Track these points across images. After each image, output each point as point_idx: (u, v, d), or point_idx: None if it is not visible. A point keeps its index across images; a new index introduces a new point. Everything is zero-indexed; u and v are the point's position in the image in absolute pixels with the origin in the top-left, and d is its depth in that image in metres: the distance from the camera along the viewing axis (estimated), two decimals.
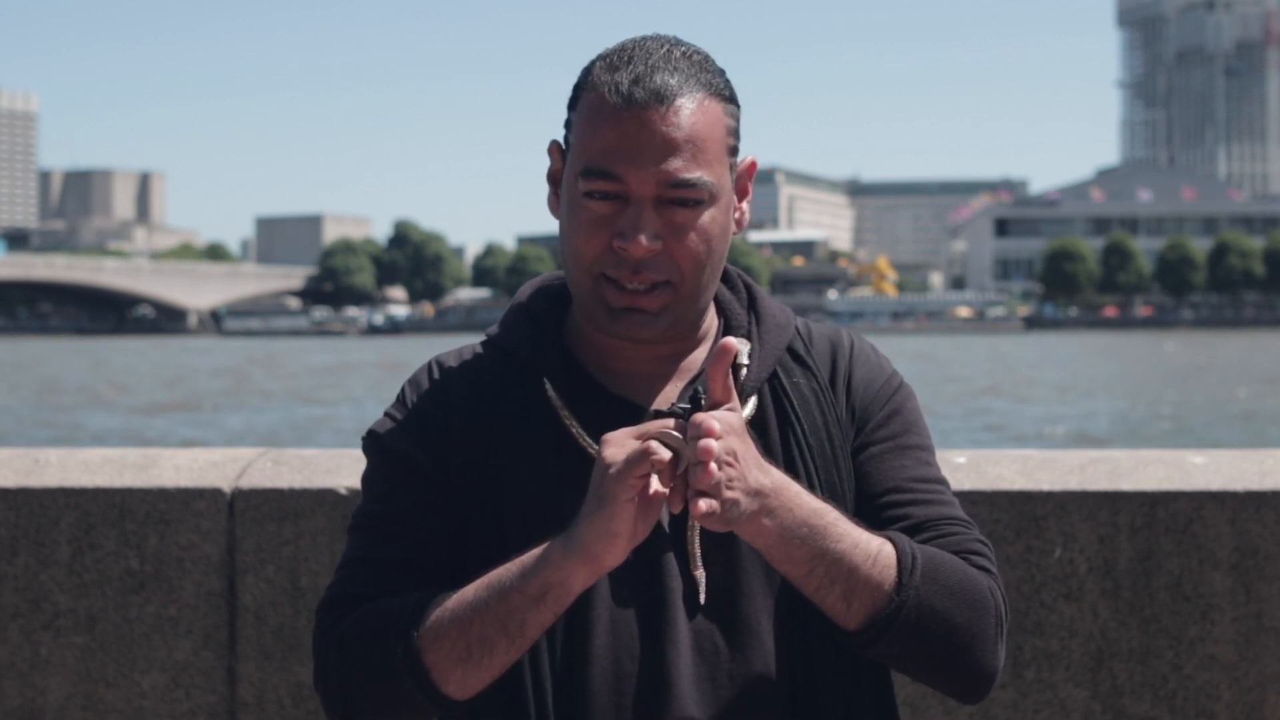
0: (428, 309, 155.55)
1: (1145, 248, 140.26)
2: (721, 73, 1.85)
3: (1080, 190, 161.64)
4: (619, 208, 1.79)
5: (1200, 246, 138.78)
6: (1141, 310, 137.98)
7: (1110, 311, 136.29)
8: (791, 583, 1.75)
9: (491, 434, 1.86)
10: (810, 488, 1.80)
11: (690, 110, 1.78)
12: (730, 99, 1.85)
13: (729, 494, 1.63)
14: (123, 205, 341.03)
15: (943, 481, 1.92)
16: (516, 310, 1.94)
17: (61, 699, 3.09)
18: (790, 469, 1.82)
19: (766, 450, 1.81)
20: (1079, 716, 2.87)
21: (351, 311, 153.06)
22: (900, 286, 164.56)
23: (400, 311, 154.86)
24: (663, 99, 1.76)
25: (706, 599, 1.79)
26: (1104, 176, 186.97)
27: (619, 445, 1.65)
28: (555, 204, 1.88)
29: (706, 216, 1.80)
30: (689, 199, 1.78)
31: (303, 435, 27.77)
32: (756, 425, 1.85)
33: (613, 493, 1.64)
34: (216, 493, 3.06)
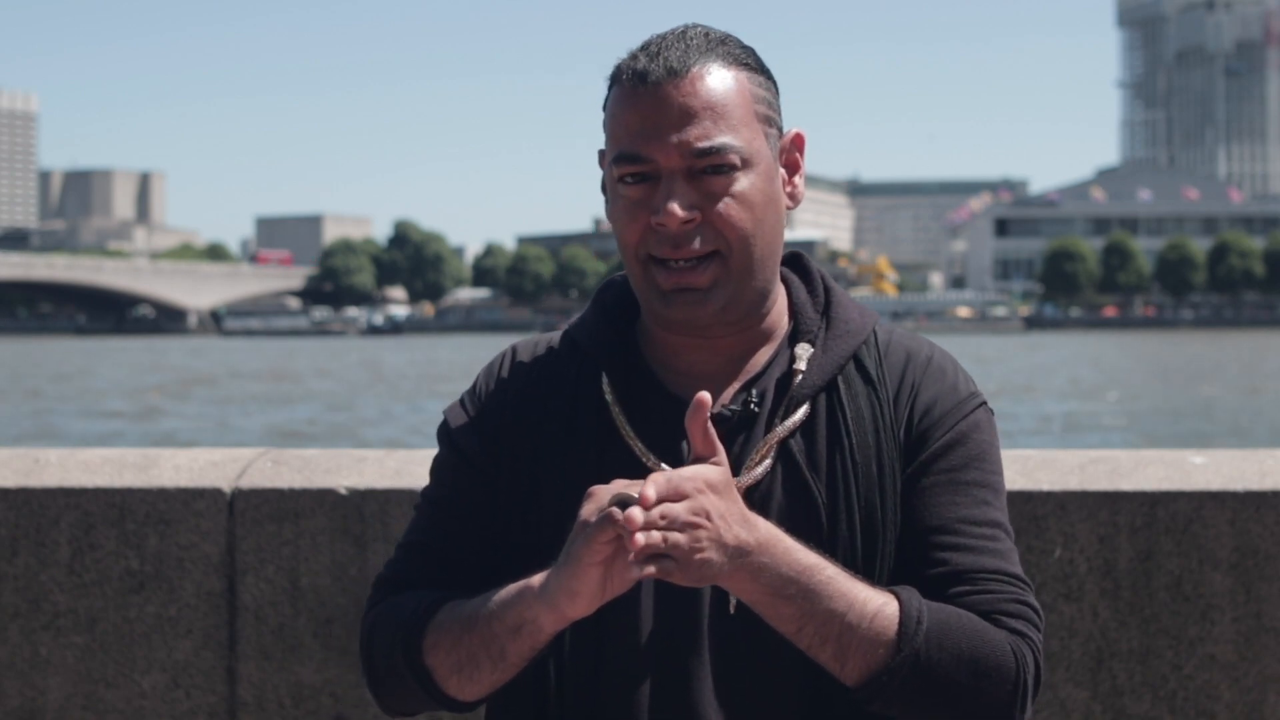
0: (428, 309, 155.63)
1: (1145, 248, 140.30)
2: (746, 48, 1.83)
3: (1080, 190, 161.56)
4: (653, 188, 1.77)
5: (1200, 246, 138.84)
6: (1142, 310, 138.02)
7: (1110, 311, 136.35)
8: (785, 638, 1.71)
9: (543, 425, 1.86)
10: (849, 509, 1.77)
11: (707, 79, 1.76)
12: (757, 69, 1.82)
13: (699, 555, 1.59)
14: (123, 205, 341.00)
15: (998, 525, 1.82)
16: (591, 303, 1.94)
17: (61, 699, 3.09)
18: (832, 486, 1.79)
19: (811, 463, 1.79)
20: (1079, 716, 2.87)
21: (351, 311, 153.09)
22: (900, 286, 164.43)
23: (400, 311, 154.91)
24: (676, 72, 1.75)
25: (737, 607, 1.76)
26: (1104, 176, 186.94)
27: (597, 502, 1.62)
28: (610, 211, 1.86)
29: (744, 182, 1.77)
30: (719, 165, 1.75)
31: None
32: (805, 434, 1.82)
33: (578, 554, 1.61)
34: (216, 493, 3.06)
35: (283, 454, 3.15)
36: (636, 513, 1.54)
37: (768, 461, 1.80)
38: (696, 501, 1.59)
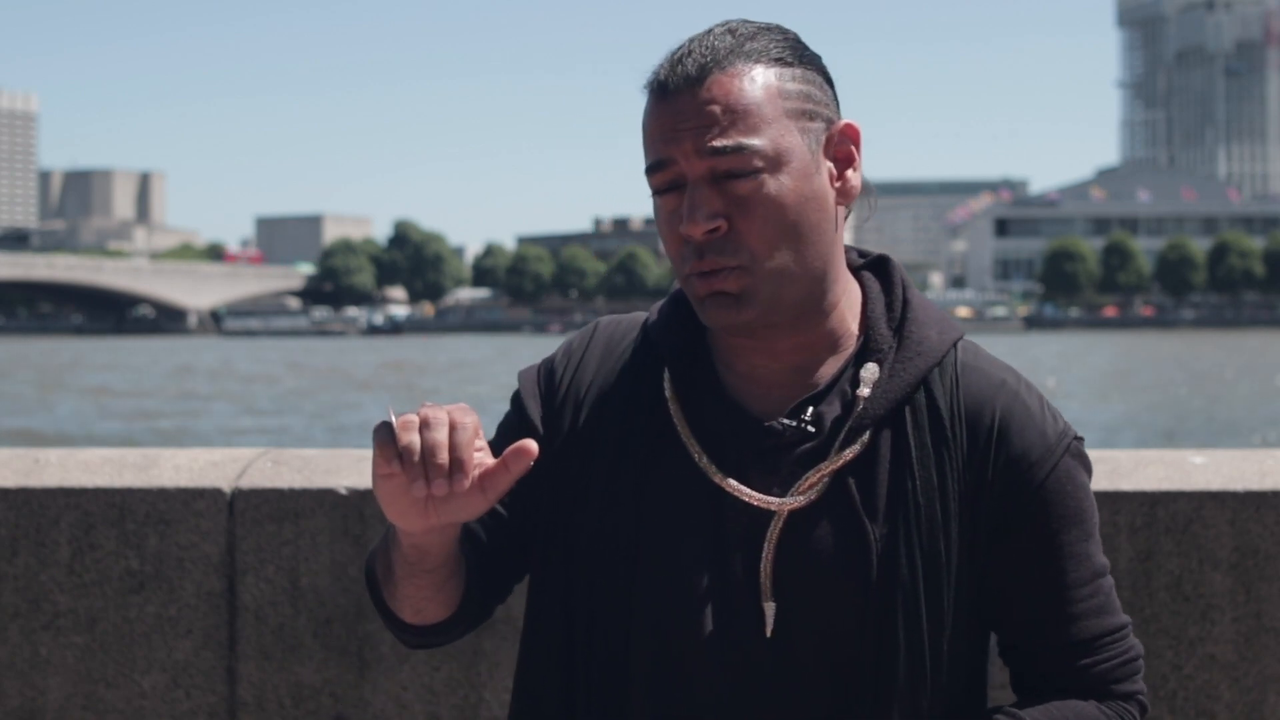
0: (428, 309, 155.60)
1: (1145, 248, 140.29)
2: (783, 40, 1.76)
3: (1080, 190, 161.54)
4: (682, 196, 1.74)
5: (1200, 246, 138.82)
6: (1142, 310, 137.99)
7: (1110, 311, 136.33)
8: None
9: (600, 411, 1.83)
10: (909, 552, 1.72)
11: (727, 81, 1.71)
12: (792, 63, 1.74)
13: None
14: (123, 205, 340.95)
15: (1099, 571, 1.78)
16: (668, 297, 1.91)
17: (61, 699, 3.08)
18: (891, 525, 1.72)
19: (866, 499, 1.73)
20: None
21: (351, 311, 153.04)
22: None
23: (400, 311, 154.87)
24: (693, 80, 1.71)
25: (773, 631, 1.72)
26: (1104, 176, 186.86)
27: (400, 423, 1.60)
28: None
29: (772, 185, 1.70)
30: (740, 167, 1.70)
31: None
32: (863, 466, 1.74)
33: (374, 463, 1.60)
34: (216, 493, 3.06)
35: (283, 454, 3.15)
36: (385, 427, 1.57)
37: (819, 489, 1.73)
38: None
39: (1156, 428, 28.46)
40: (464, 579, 1.81)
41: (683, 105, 1.71)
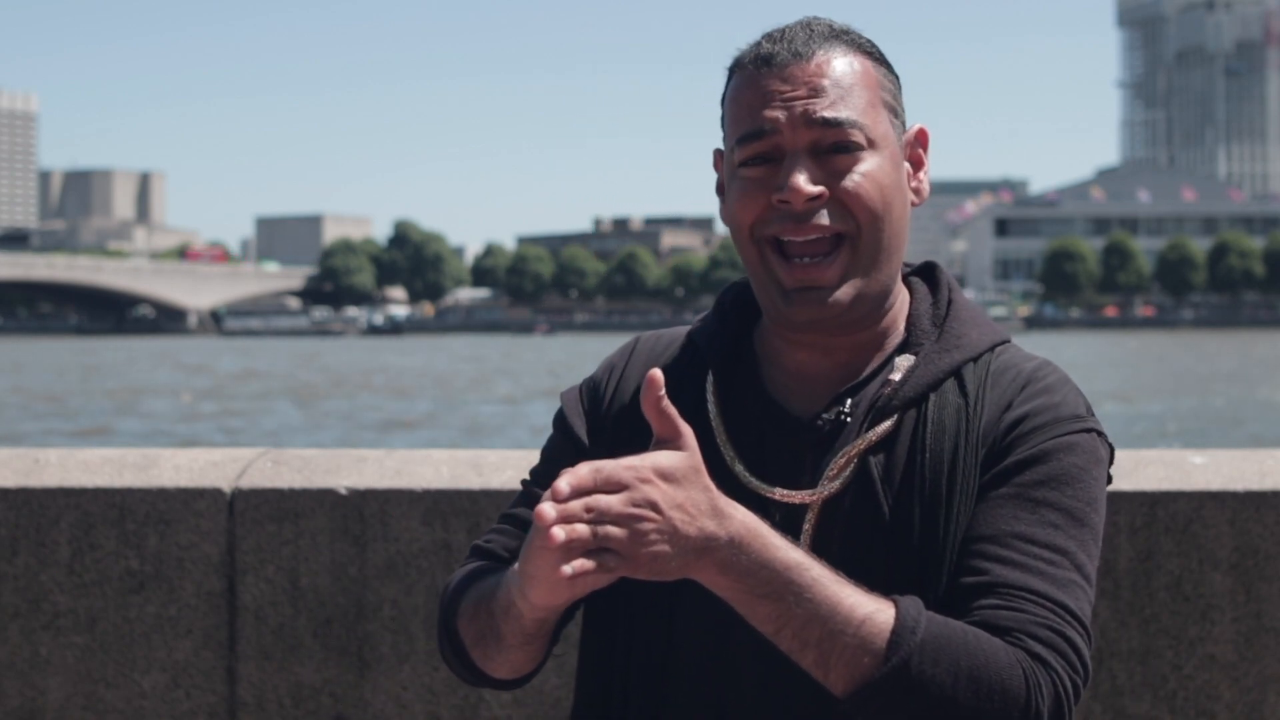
0: (428, 309, 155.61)
1: (1145, 248, 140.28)
2: (869, 40, 1.81)
3: (1080, 190, 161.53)
4: (775, 169, 1.72)
5: (1200, 246, 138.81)
6: (1142, 310, 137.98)
7: (1110, 311, 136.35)
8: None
9: (642, 420, 1.75)
10: (909, 527, 1.69)
11: (832, 61, 1.73)
12: (880, 60, 1.79)
13: (648, 549, 1.49)
14: (123, 205, 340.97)
15: (1062, 551, 1.65)
16: (714, 305, 1.91)
17: (61, 699, 3.08)
18: (900, 503, 1.71)
19: (886, 479, 1.72)
20: (1079, 716, 2.86)
21: (351, 311, 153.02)
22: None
23: (400, 311, 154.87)
24: (801, 55, 1.73)
25: None
26: (1104, 176, 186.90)
27: (560, 488, 1.50)
28: (725, 213, 1.81)
29: (872, 162, 1.72)
30: (845, 141, 1.71)
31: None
32: (887, 449, 1.74)
33: (531, 537, 1.51)
34: (216, 493, 3.05)
35: (283, 454, 3.15)
36: (546, 508, 1.46)
37: (846, 475, 1.73)
38: (638, 492, 1.49)
39: (1156, 428, 28.45)
40: None
41: (791, 75, 1.72)
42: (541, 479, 1.86)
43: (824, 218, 1.71)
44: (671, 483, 1.51)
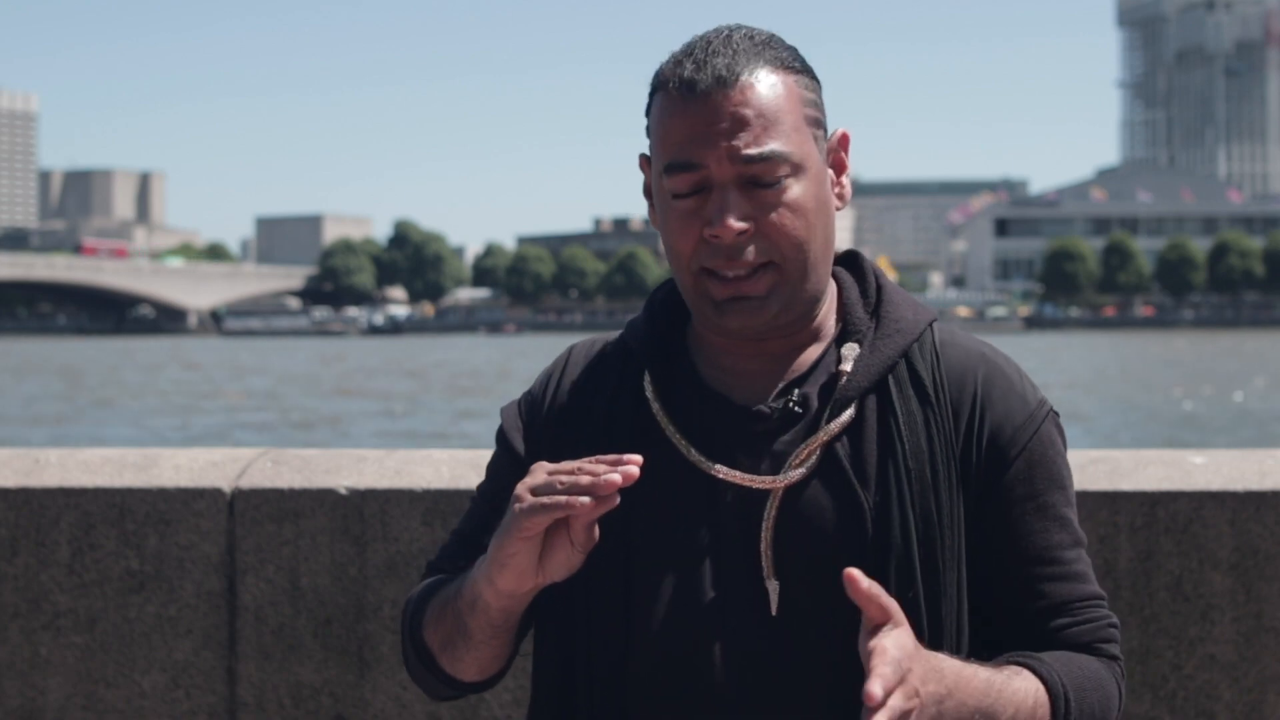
0: (428, 309, 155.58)
1: (1145, 248, 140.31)
2: (790, 49, 1.80)
3: (1080, 190, 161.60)
4: (705, 199, 1.75)
5: (1200, 246, 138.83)
6: (1142, 310, 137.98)
7: (1110, 311, 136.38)
8: None
9: (583, 422, 1.85)
10: (903, 517, 1.75)
11: (756, 86, 1.73)
12: (803, 71, 1.79)
13: None
14: (123, 205, 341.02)
15: (1080, 541, 1.83)
16: (644, 306, 1.93)
17: (61, 699, 3.08)
18: (883, 491, 1.76)
19: (857, 467, 1.77)
20: None
21: (351, 311, 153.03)
22: (900, 286, 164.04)
23: (400, 311, 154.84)
24: (725, 81, 1.72)
25: (779, 609, 1.74)
26: (1104, 176, 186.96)
27: (536, 476, 1.66)
28: (654, 217, 1.85)
29: (796, 190, 1.75)
30: (771, 173, 1.73)
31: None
32: (852, 438, 1.78)
33: (507, 526, 1.65)
34: (216, 493, 3.05)
35: (283, 454, 3.15)
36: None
37: (811, 463, 1.76)
38: (908, 685, 1.56)
39: (1156, 428, 28.44)
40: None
41: (714, 107, 1.72)
42: (489, 496, 1.91)
43: (751, 252, 1.74)
44: (915, 660, 1.58)
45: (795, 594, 1.74)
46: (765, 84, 1.74)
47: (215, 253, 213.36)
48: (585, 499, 1.61)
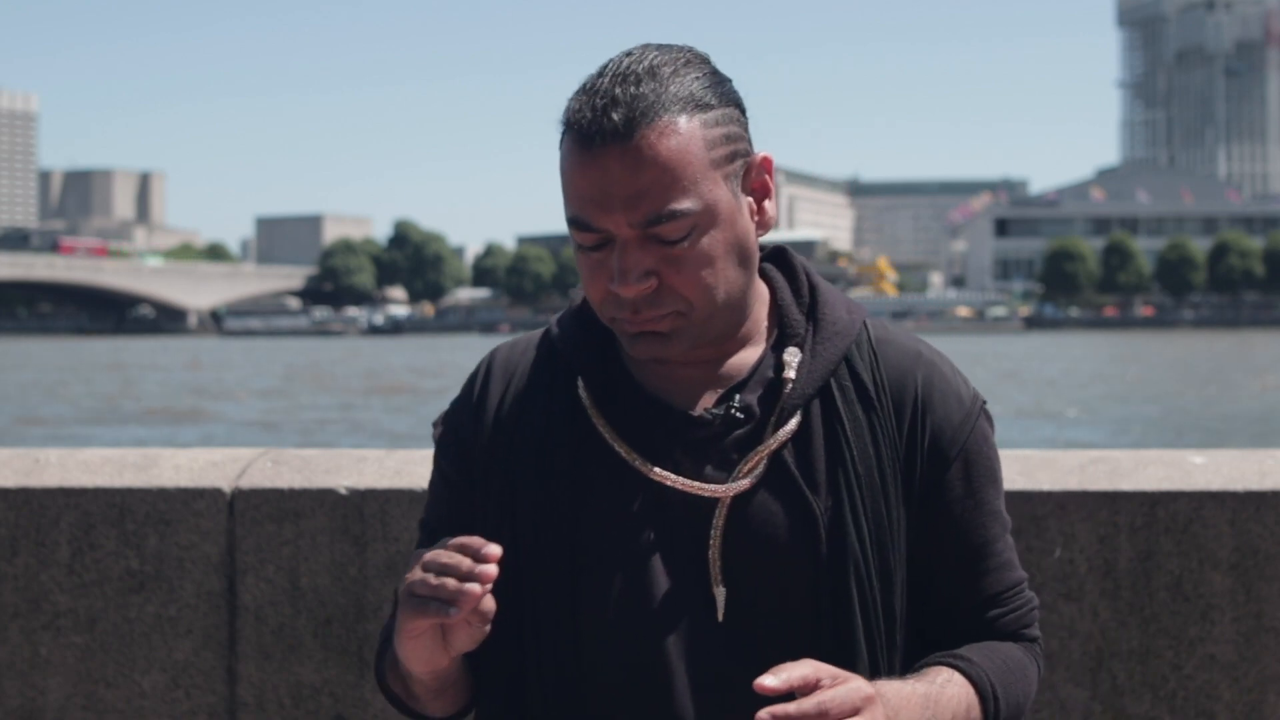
0: (428, 309, 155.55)
1: (1145, 248, 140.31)
2: (702, 76, 1.72)
3: (1080, 190, 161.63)
4: (610, 252, 1.72)
5: (1200, 247, 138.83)
6: (1142, 310, 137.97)
7: (1110, 311, 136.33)
8: None
9: (518, 432, 1.83)
10: (856, 523, 1.75)
11: (655, 139, 1.66)
12: (711, 105, 1.71)
13: None
14: (123, 205, 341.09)
15: (1008, 525, 1.88)
16: (572, 305, 1.90)
17: (61, 699, 3.08)
18: (835, 498, 1.75)
19: (806, 475, 1.76)
20: (1079, 716, 2.86)
21: (352, 311, 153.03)
22: (900, 286, 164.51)
23: (400, 311, 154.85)
24: (620, 136, 1.66)
25: (725, 616, 1.74)
26: (1104, 176, 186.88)
27: (414, 572, 1.64)
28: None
29: (704, 241, 1.70)
30: (674, 234, 1.69)
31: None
32: (798, 445, 1.77)
33: (401, 624, 1.65)
34: (216, 493, 3.06)
35: (283, 454, 3.15)
36: None
37: (759, 471, 1.75)
38: (822, 700, 1.58)
39: (1156, 428, 28.45)
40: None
41: (610, 166, 1.67)
42: (434, 520, 1.90)
43: (656, 305, 1.72)
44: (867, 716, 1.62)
45: (743, 601, 1.74)
46: (665, 135, 1.66)
47: (215, 253, 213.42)
48: (454, 609, 1.58)
